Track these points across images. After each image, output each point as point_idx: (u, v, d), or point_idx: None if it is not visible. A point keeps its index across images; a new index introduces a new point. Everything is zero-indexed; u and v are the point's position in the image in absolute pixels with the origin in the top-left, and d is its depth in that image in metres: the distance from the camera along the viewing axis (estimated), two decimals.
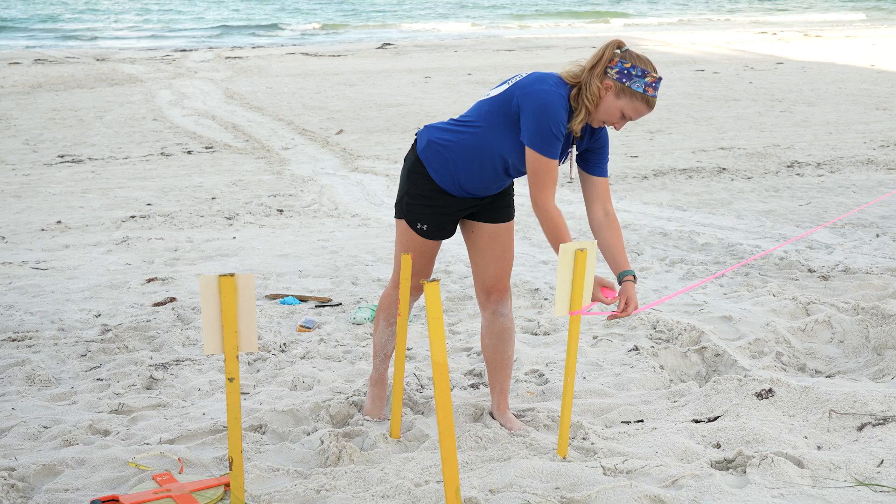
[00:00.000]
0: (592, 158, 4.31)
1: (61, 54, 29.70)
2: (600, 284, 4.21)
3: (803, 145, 14.15)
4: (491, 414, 4.79)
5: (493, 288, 4.58)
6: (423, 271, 4.54)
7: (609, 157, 4.37)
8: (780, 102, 18.46)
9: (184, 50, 31.86)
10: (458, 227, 4.60)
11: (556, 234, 4.10)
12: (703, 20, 47.98)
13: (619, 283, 4.30)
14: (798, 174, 12.11)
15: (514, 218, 4.48)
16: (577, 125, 4.07)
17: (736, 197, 10.88)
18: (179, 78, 23.49)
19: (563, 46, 32.34)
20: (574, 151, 4.24)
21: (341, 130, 16.38)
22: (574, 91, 4.09)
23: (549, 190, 4.03)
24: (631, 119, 4.10)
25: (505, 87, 4.17)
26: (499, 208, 4.52)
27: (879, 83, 20.84)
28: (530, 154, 4.04)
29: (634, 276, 4.29)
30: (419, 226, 4.42)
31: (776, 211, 10.08)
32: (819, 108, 17.76)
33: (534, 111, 3.98)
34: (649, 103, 4.08)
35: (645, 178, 12.18)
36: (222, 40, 37.10)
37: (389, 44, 33.79)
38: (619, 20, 48.45)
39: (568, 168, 4.29)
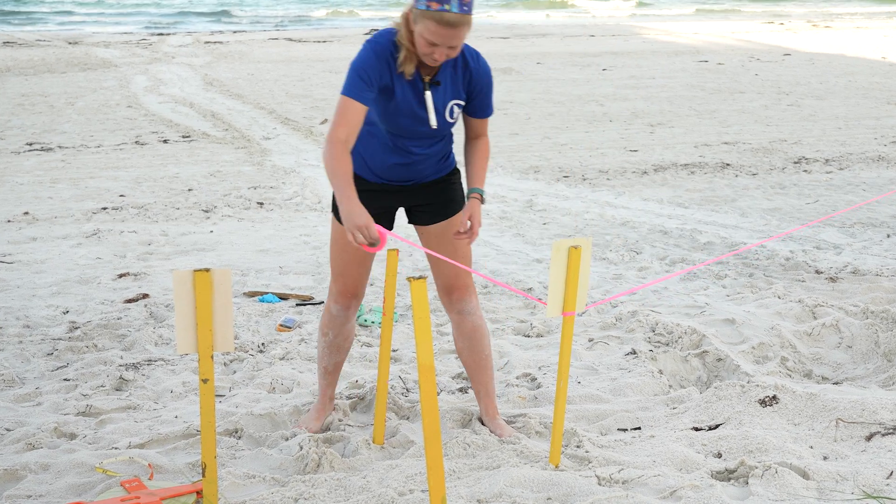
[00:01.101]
0: (473, 107, 4.38)
1: (31, 37, 29.58)
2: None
3: (811, 141, 14.17)
4: (481, 420, 4.77)
5: (452, 287, 4.59)
6: (354, 273, 4.54)
7: (492, 103, 4.43)
8: (787, 95, 18.48)
9: (161, 34, 31.76)
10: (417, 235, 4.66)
11: (329, 166, 4.09)
12: (721, 10, 48.01)
13: (467, 199, 4.38)
14: (805, 171, 12.13)
15: (464, 208, 4.41)
16: (405, 66, 4.14)
17: (740, 194, 10.88)
18: (156, 63, 23.44)
19: (561, 34, 32.36)
20: (430, 98, 4.24)
21: (325, 120, 16.34)
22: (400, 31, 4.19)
23: (340, 126, 4.08)
24: (439, 44, 4.03)
25: None
26: (439, 206, 4.51)
27: (891, 76, 20.88)
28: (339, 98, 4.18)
29: (482, 196, 4.34)
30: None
31: (782, 209, 10.09)
32: (828, 101, 17.79)
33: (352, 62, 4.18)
34: (438, 19, 3.98)
35: (645, 173, 12.18)
36: (179, 27, 37.56)
37: (377, 29, 33.84)
38: (627, 8, 48.51)
39: (427, 114, 4.24)
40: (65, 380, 5.56)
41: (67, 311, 6.83)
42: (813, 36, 31.43)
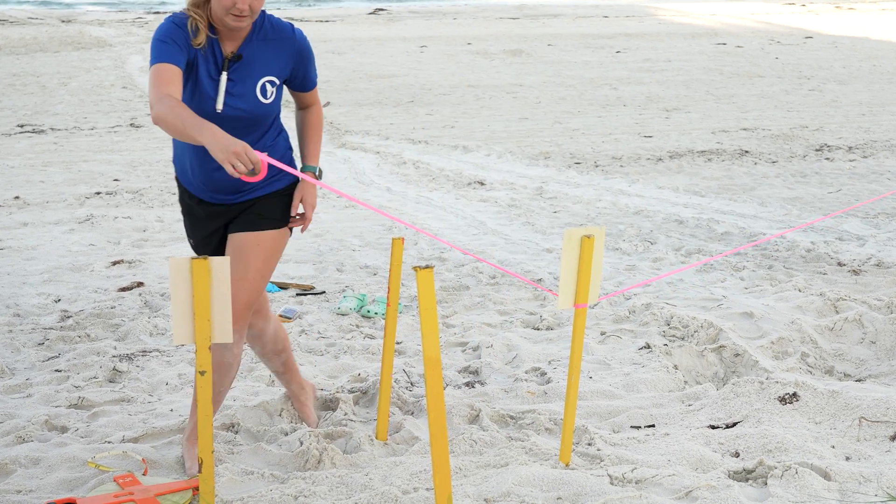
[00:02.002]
0: (297, 82, 4.17)
1: (23, 14, 29.58)
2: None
3: (833, 127, 14.12)
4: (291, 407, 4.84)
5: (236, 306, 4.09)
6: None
7: (316, 69, 4.23)
8: (808, 80, 18.43)
9: (157, 12, 31.75)
10: None
11: (168, 116, 3.63)
12: None
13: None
14: (827, 158, 12.09)
15: (279, 233, 4.17)
16: (198, 36, 3.87)
17: (759, 182, 10.85)
18: None
19: (573, 15, 32.29)
20: (225, 77, 3.91)
21: (328, 103, 16.32)
22: (192, 10, 3.93)
23: (160, 85, 3.71)
24: None
25: None
26: (250, 215, 4.16)
27: None
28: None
29: (316, 173, 4.14)
30: (190, 241, 4.36)
31: (803, 198, 10.06)
32: (851, 86, 17.73)
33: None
34: None
35: (660, 160, 12.15)
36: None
37: (382, 9, 33.72)
38: None
39: (216, 97, 3.91)
40: (56, 371, 5.56)
41: (59, 300, 6.83)
42: (836, 18, 31.33)
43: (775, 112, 15.34)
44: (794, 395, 4.75)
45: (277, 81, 4.04)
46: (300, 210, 4.78)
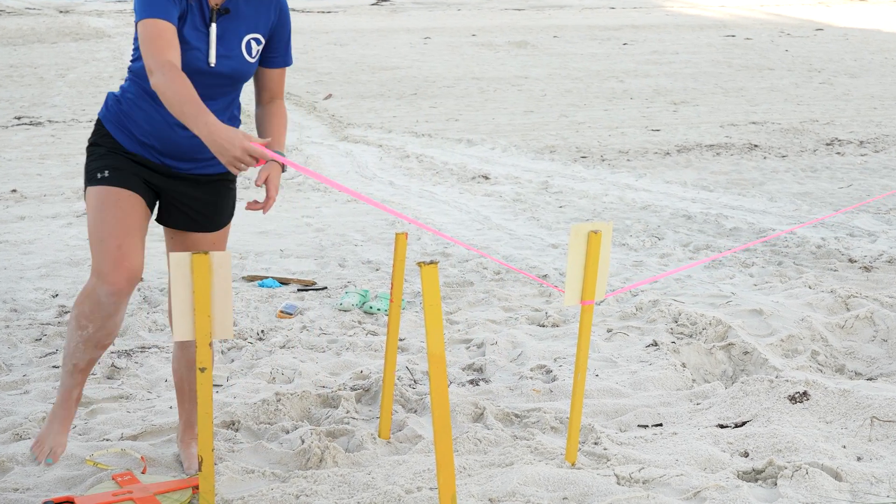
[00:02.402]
0: (274, 49, 3.98)
1: (21, 4, 29.58)
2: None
3: (844, 121, 14.10)
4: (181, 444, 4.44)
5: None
6: (133, 241, 3.81)
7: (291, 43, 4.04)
8: (818, 73, 18.40)
9: None
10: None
11: (172, 92, 3.53)
12: None
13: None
14: (838, 153, 12.07)
15: (223, 234, 4.07)
16: None
17: (769, 177, 10.84)
18: None
19: (579, 6, 32.26)
20: (215, 29, 3.76)
21: (330, 95, 16.31)
22: None
23: (158, 51, 3.55)
24: None
25: None
26: (209, 214, 4.05)
27: None
28: (138, 26, 3.65)
29: (282, 164, 3.89)
30: (99, 175, 3.84)
31: (813, 193, 10.05)
32: (862, 79, 17.70)
33: None
34: None
35: (667, 154, 12.13)
36: None
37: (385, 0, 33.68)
38: None
39: (208, 53, 3.75)
40: (53, 367, 5.56)
41: (57, 295, 6.83)
42: (847, 10, 31.27)
43: (785, 105, 15.32)
44: (805, 393, 4.75)
45: (262, 40, 3.90)
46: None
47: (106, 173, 3.84)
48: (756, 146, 12.44)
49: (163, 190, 3.97)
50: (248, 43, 3.86)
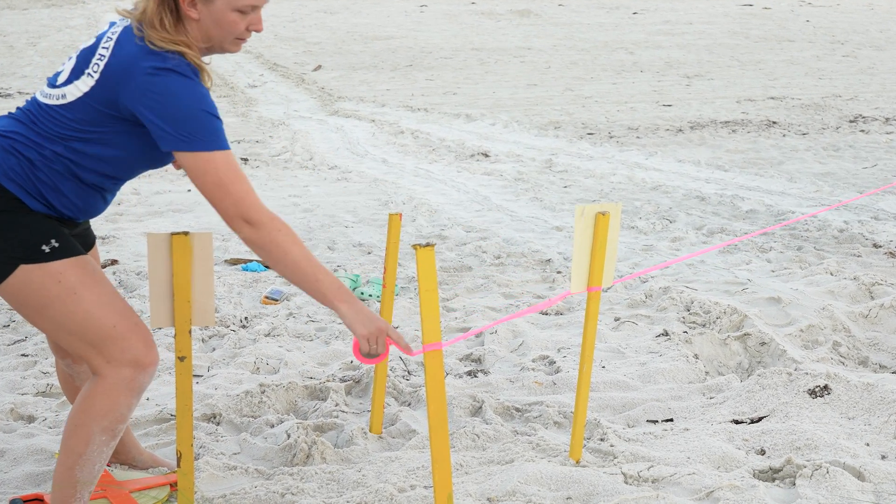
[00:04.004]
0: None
1: None
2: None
3: (869, 96, 14.09)
4: (109, 463, 4.12)
5: (65, 352, 3.72)
6: (121, 307, 3.40)
7: None
8: (841, 45, 18.37)
9: None
10: None
11: (295, 248, 3.25)
12: None
13: None
14: (862, 130, 12.06)
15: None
16: (206, 80, 3.32)
17: (788, 156, 10.83)
18: None
19: None
20: None
21: (319, 66, 16.28)
22: (184, 48, 3.24)
23: (251, 192, 3.24)
24: (257, 5, 3.28)
25: (90, 78, 3.25)
26: (86, 231, 3.70)
27: None
28: (203, 159, 3.19)
29: None
30: (46, 248, 3.28)
31: (836, 174, 10.04)
32: (888, 52, 17.68)
33: (174, 105, 3.16)
34: None
35: (680, 130, 12.12)
36: None
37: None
38: None
39: None
40: (23, 355, 5.55)
41: None
42: None
43: (805, 80, 15.30)
44: (826, 387, 4.74)
45: None
46: None
47: (54, 243, 3.30)
48: (774, 123, 12.43)
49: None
50: None
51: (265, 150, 11.10)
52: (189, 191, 9.32)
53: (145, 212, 8.59)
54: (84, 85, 3.25)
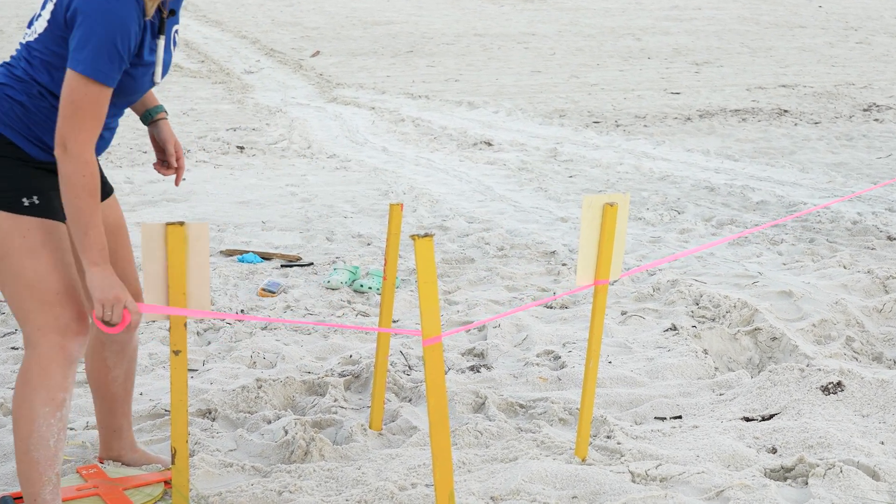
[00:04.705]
0: None
1: None
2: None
3: (883, 84, 14.07)
4: (102, 459, 4.17)
5: (135, 296, 3.82)
6: (80, 283, 3.56)
7: None
8: (855, 32, 18.35)
9: None
10: None
11: (92, 204, 3.32)
12: None
13: (149, 125, 3.87)
14: (876, 120, 12.05)
15: None
16: (150, 6, 3.37)
17: (800, 146, 10.82)
18: None
19: None
20: (162, 42, 3.52)
21: (317, 52, 16.26)
22: None
23: (91, 131, 3.32)
24: None
25: (51, 3, 3.41)
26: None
27: None
28: (74, 78, 3.29)
29: (165, 111, 3.81)
30: (26, 201, 3.46)
31: (849, 164, 10.03)
32: None
33: (90, 24, 3.28)
34: None
35: (688, 119, 12.10)
36: None
37: None
38: None
39: (155, 68, 3.52)
40: (13, 348, 5.55)
41: None
42: None
43: (818, 67, 15.28)
44: (839, 384, 4.73)
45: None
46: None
47: (35, 199, 3.46)
48: (786, 111, 12.41)
49: None
50: (174, 35, 3.66)
51: (262, 138, 11.09)
52: (184, 179, 9.31)
53: (138, 201, 8.58)
54: (47, 13, 3.41)
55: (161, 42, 3.51)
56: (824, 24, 19.10)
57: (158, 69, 3.55)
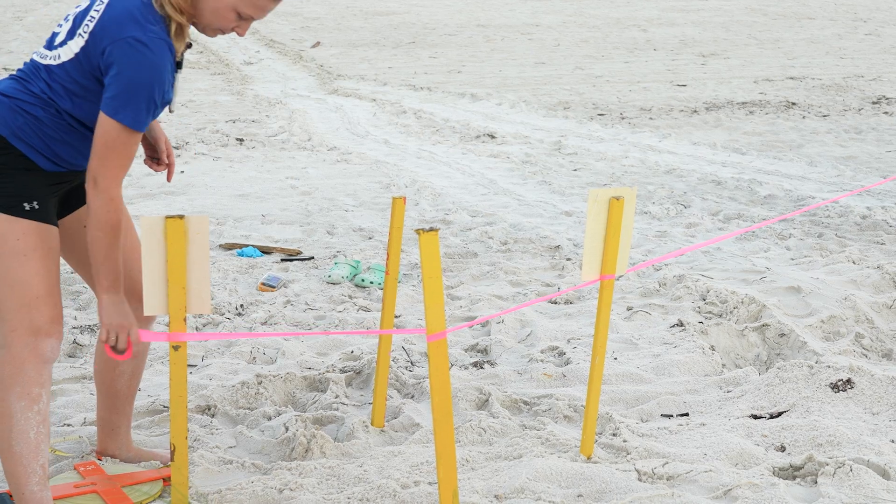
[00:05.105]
0: None
1: None
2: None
3: (893, 77, 14.05)
4: (100, 456, 4.22)
5: (132, 291, 3.87)
6: (58, 289, 3.65)
7: None
8: (864, 23, 18.33)
9: None
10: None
11: (112, 237, 3.49)
12: None
13: None
14: (886, 112, 12.03)
15: None
16: (178, 46, 3.57)
17: (808, 139, 10.80)
18: None
19: None
20: (180, 77, 3.68)
21: (318, 43, 16.25)
22: (185, 17, 3.56)
23: (121, 169, 3.49)
24: (254, 18, 3.66)
25: (81, 38, 3.50)
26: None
27: None
28: (111, 125, 3.44)
29: None
30: (27, 206, 3.56)
31: (858, 157, 10.02)
32: None
33: (130, 75, 3.42)
34: None
35: (695, 112, 12.09)
36: None
37: None
38: None
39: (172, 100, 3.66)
40: None
41: None
42: None
43: (826, 59, 15.26)
44: (848, 381, 4.73)
45: None
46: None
47: (35, 205, 3.57)
48: (794, 104, 12.40)
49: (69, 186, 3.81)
50: None
51: (261, 130, 11.08)
52: (182, 172, 9.31)
53: (136, 194, 8.57)
54: (76, 45, 3.51)
55: (180, 75, 3.66)
56: (833, 16, 19.08)
57: (176, 100, 3.70)
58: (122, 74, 3.42)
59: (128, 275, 3.85)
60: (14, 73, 3.69)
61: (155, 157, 4.02)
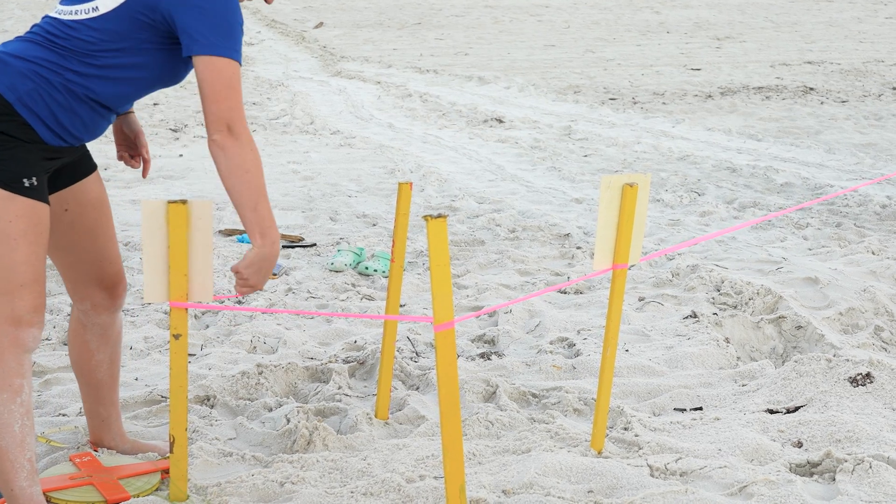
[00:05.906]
0: None
1: None
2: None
3: None
4: (96, 447, 4.19)
5: (118, 276, 3.90)
6: (43, 275, 3.57)
7: None
8: (884, 6, 18.29)
9: None
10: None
11: (260, 173, 3.51)
12: None
13: (119, 116, 3.92)
14: None
15: None
16: None
17: (826, 125, 10.79)
18: None
19: None
20: None
21: (321, 23, 16.24)
22: None
23: (242, 108, 3.53)
24: None
25: None
26: (81, 159, 3.81)
27: None
28: (224, 63, 3.44)
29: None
30: (27, 182, 3.48)
31: (878, 144, 10.00)
32: None
33: (216, 9, 3.42)
34: None
35: (709, 97, 12.07)
36: None
37: None
38: None
39: None
40: None
41: None
42: None
43: (845, 43, 15.24)
44: (868, 375, 4.72)
45: None
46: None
47: (34, 181, 3.50)
48: (812, 89, 12.38)
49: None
50: None
51: (262, 113, 11.07)
52: (181, 156, 9.31)
53: (134, 177, 8.58)
54: None
55: None
56: None
57: None
58: (207, 11, 3.38)
59: (98, 261, 3.81)
60: (24, 34, 3.61)
61: (132, 153, 3.99)
